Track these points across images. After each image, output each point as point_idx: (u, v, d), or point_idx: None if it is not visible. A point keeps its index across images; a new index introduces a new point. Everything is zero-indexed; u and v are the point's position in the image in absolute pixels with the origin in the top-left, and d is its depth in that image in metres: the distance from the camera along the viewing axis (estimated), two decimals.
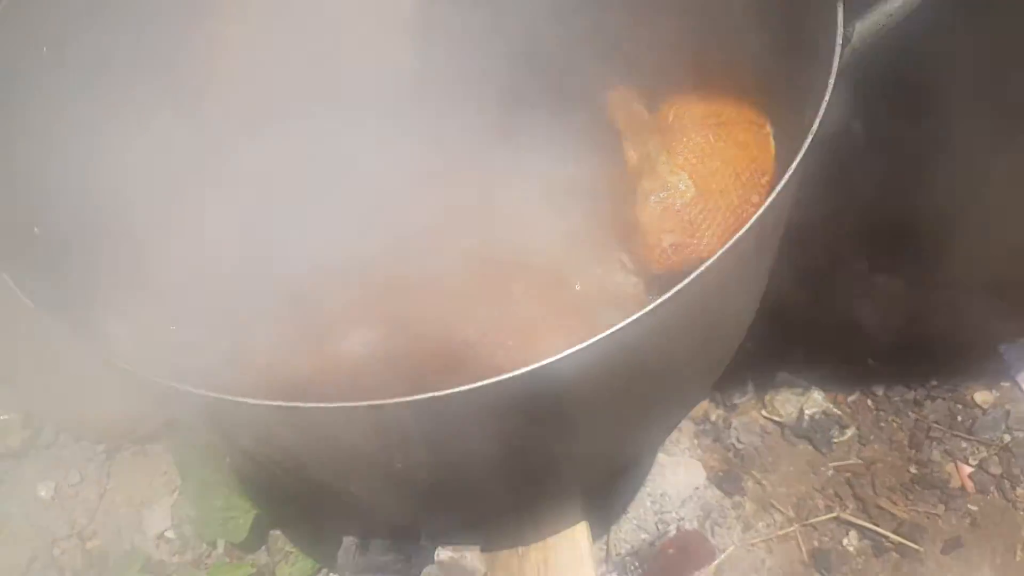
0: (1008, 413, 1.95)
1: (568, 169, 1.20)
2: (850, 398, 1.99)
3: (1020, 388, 1.96)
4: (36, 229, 1.14)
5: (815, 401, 1.96)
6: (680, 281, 1.09)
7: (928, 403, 1.96)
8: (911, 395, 1.97)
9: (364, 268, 1.20)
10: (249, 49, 1.34)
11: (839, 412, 1.96)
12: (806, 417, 1.94)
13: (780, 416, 1.95)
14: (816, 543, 1.84)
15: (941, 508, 1.84)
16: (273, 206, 1.27)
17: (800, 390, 1.96)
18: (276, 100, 1.34)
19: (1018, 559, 1.80)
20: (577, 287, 1.16)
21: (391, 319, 1.14)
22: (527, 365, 0.75)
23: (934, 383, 1.97)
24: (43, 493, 1.81)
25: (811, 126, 0.90)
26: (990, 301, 2.01)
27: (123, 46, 1.31)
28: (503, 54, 1.25)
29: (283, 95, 1.34)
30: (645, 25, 1.19)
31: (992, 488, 1.87)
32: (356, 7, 1.31)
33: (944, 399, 1.96)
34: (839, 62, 0.97)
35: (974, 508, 1.87)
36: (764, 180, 1.15)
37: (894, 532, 1.80)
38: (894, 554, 1.86)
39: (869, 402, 1.99)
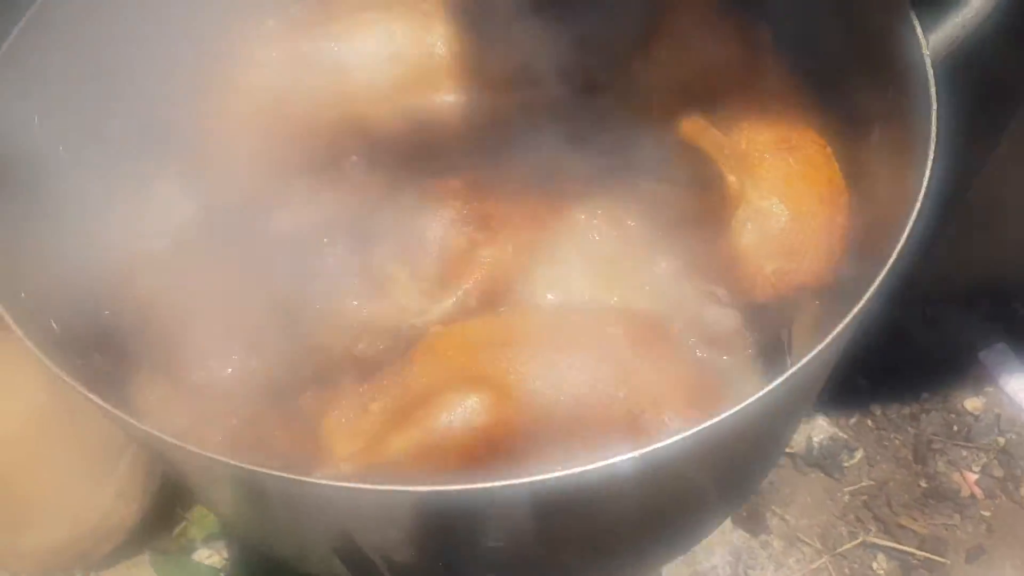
0: (998, 416, 2.02)
1: (650, 205, 1.14)
2: (851, 420, 2.01)
3: (1004, 391, 2.03)
4: (54, 324, 0.98)
5: (821, 427, 1.97)
6: (781, 307, 1.06)
7: (924, 416, 2.00)
8: (907, 410, 2.02)
9: (438, 330, 1.10)
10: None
11: (845, 436, 1.97)
12: (815, 444, 1.93)
13: (791, 447, 1.94)
14: (847, 571, 1.83)
15: (957, 518, 1.87)
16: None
17: (805, 418, 1.96)
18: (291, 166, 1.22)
19: None
20: (677, 327, 1.10)
21: (482, 383, 1.03)
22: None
23: (925, 395, 2.03)
24: None
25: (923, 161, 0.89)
26: (964, 311, 2.10)
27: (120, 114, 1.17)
28: (565, 84, 1.19)
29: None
30: (708, 52, 1.16)
31: (999, 491, 1.92)
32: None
33: (937, 410, 2.01)
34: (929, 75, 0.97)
35: (987, 514, 1.91)
36: (842, 200, 1.13)
37: (918, 548, 1.81)
38: (922, 571, 1.86)
39: (869, 422, 2.01)
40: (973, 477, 1.95)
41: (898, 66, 1.06)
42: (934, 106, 0.96)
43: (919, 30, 1.01)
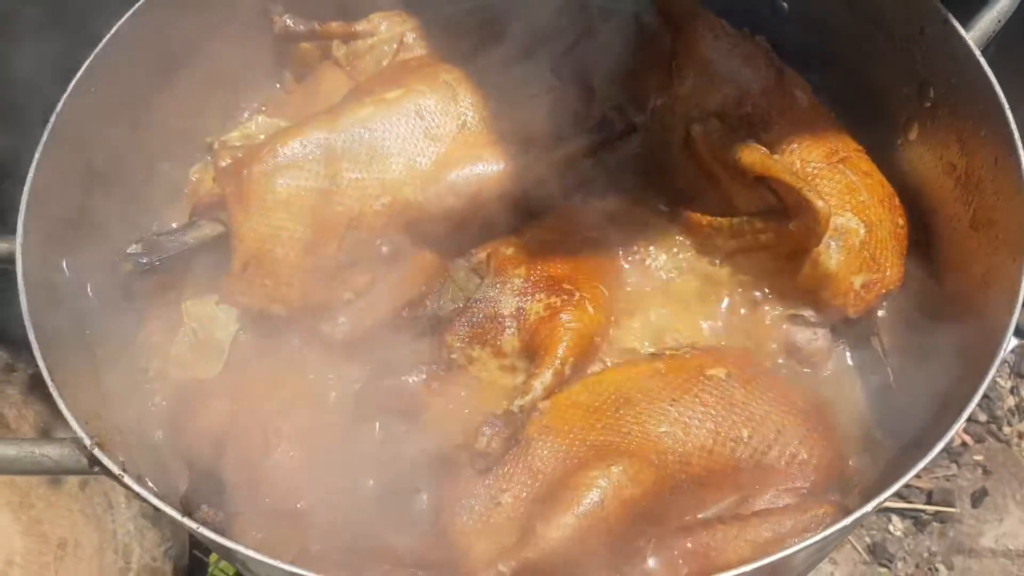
0: None
1: (725, 245, 1.14)
2: None
3: None
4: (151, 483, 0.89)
5: None
6: (870, 322, 1.09)
7: None
8: None
9: (546, 406, 1.05)
10: None
11: None
12: None
13: None
14: (868, 539, 1.90)
15: (955, 468, 1.98)
16: None
17: None
18: None
19: None
20: (773, 355, 1.11)
21: (615, 453, 1.00)
22: None
23: None
24: None
25: None
26: None
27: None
28: (602, 131, 1.19)
29: None
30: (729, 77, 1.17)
31: (986, 435, 2.05)
32: None
33: None
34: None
35: (980, 458, 2.03)
36: (896, 202, 1.17)
37: (927, 503, 1.91)
38: (935, 523, 1.96)
39: None
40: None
41: (941, 66, 1.11)
42: (1000, 92, 1.01)
43: (960, 29, 1.06)
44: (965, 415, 0.91)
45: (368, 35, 1.33)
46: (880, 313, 1.13)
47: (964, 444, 2.09)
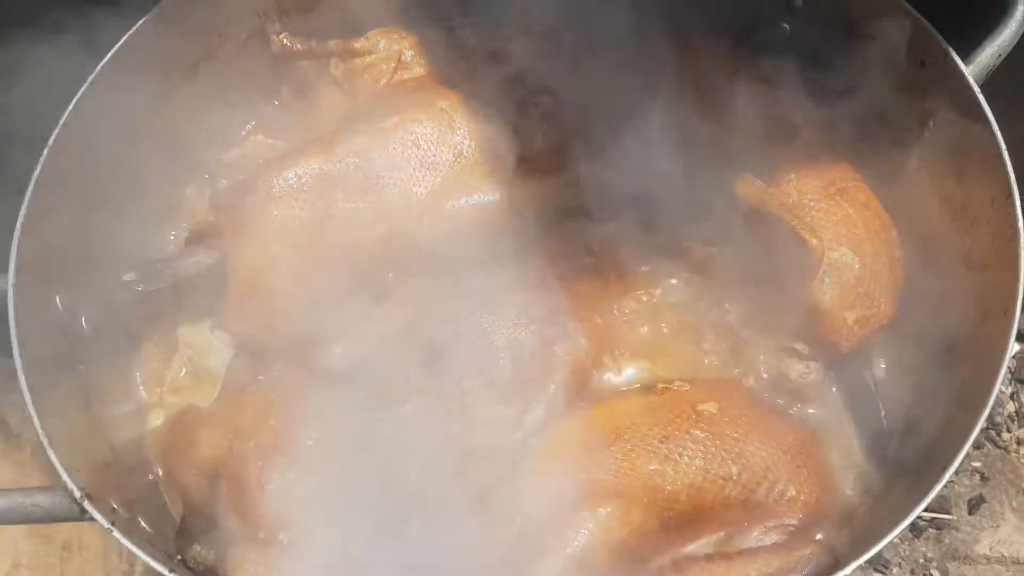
0: None
1: (715, 270, 1.14)
2: None
3: None
4: (143, 523, 0.90)
5: None
6: (862, 351, 1.08)
7: None
8: None
9: (538, 443, 1.06)
10: None
11: None
12: None
13: None
14: None
15: (954, 474, 1.99)
16: None
17: None
18: None
19: None
20: (764, 390, 1.11)
21: (605, 494, 1.01)
22: None
23: None
24: None
25: None
26: None
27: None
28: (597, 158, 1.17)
29: None
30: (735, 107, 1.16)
31: (984, 441, 2.05)
32: None
33: None
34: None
35: (978, 464, 2.03)
36: (893, 234, 1.17)
37: (924, 510, 1.92)
38: (931, 529, 1.96)
39: None
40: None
41: (941, 98, 1.10)
42: (995, 128, 1.00)
43: (959, 63, 1.05)
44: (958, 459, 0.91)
45: (366, 53, 1.32)
46: (874, 345, 1.13)
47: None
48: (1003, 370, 0.90)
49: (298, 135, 1.34)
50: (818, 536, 1.03)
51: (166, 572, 0.78)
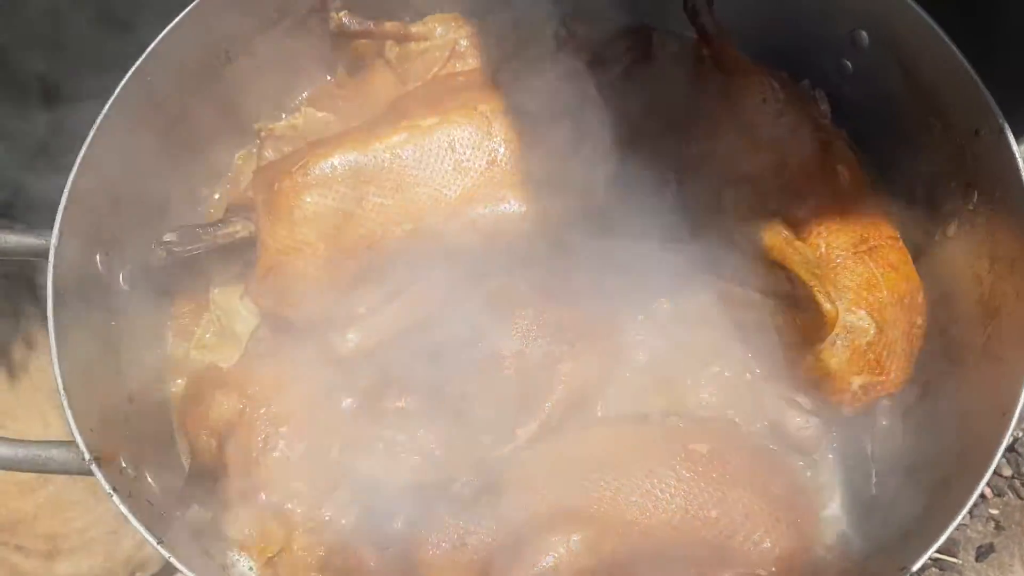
0: None
1: (732, 309, 1.14)
2: None
3: None
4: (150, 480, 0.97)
5: None
6: (865, 415, 1.08)
7: None
8: None
9: (527, 457, 1.10)
10: None
11: None
12: None
13: None
14: None
15: (967, 517, 1.96)
16: None
17: None
18: None
19: None
20: (760, 437, 1.12)
21: (581, 520, 1.04)
22: None
23: None
24: None
25: None
26: None
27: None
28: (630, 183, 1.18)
29: None
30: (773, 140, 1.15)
31: (1007, 490, 2.01)
32: None
33: None
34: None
35: (995, 512, 1.99)
36: (919, 299, 1.14)
37: None
38: (934, 569, 1.95)
39: None
40: None
41: (989, 172, 1.07)
42: None
43: (1012, 141, 1.02)
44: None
45: (422, 38, 1.33)
46: (878, 412, 1.13)
47: (982, 496, 2.05)
48: (988, 474, 0.90)
49: (348, 112, 1.37)
50: None
51: (155, 543, 0.84)
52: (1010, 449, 2.05)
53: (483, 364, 1.15)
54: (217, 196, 1.33)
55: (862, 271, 1.11)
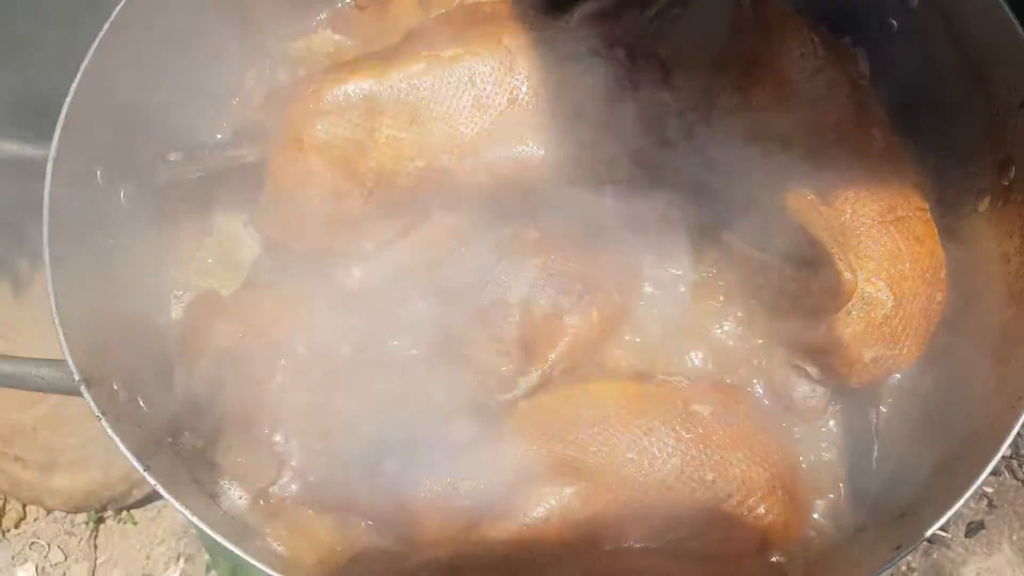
0: None
1: (747, 271, 1.11)
2: None
3: None
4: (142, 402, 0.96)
5: None
6: (871, 394, 1.05)
7: None
8: None
9: (525, 406, 1.08)
10: None
11: None
12: None
13: None
14: None
15: None
16: None
17: None
18: None
19: None
20: (760, 394, 1.10)
21: (575, 473, 1.03)
22: None
23: None
24: None
25: None
26: None
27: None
28: (655, 134, 1.14)
29: None
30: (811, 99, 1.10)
31: (1003, 469, 2.00)
32: None
33: None
34: None
35: (990, 491, 1.99)
36: (942, 274, 1.11)
37: None
38: (924, 542, 1.95)
39: None
40: None
41: None
42: None
43: None
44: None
45: None
46: (887, 387, 1.10)
47: None
48: (996, 459, 0.88)
49: (367, 36, 1.32)
50: (773, 559, 1.04)
51: (141, 469, 0.83)
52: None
53: (489, 310, 1.13)
54: (226, 117, 1.29)
55: (886, 241, 1.08)
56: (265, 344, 1.13)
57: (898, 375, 1.10)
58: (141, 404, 0.99)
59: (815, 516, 1.08)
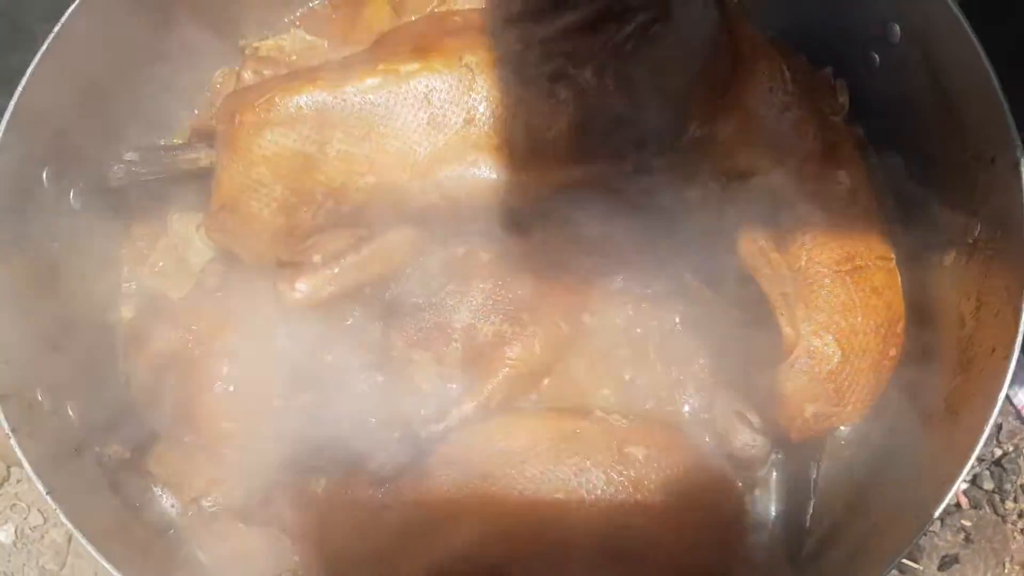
0: (1000, 428, 2.00)
1: (697, 310, 1.08)
2: None
3: (1011, 403, 2.01)
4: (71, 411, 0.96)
5: None
6: (813, 448, 1.03)
7: None
8: None
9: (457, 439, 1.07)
10: None
11: None
12: None
13: None
14: None
15: (937, 524, 1.91)
16: None
17: None
18: None
19: (1006, 572, 1.89)
20: (707, 440, 1.07)
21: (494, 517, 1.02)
22: None
23: None
24: (2, 538, 1.58)
25: None
26: None
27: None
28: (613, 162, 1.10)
29: None
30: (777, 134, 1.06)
31: (984, 503, 1.95)
32: None
33: None
34: None
35: (968, 523, 1.94)
36: (899, 328, 1.07)
37: None
38: (895, 572, 1.92)
39: None
40: (963, 486, 1.97)
41: (995, 208, 0.98)
42: None
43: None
44: None
45: None
46: (832, 440, 1.07)
47: (958, 505, 2.01)
48: (919, 535, 0.85)
49: (339, 38, 1.30)
50: None
51: (44, 491, 0.83)
52: (996, 463, 1.99)
53: (432, 334, 1.11)
54: (194, 115, 1.28)
55: (839, 292, 1.04)
56: (208, 351, 1.13)
57: (844, 431, 1.06)
58: (70, 412, 0.99)
59: (745, 567, 1.06)
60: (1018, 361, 2.02)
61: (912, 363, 1.05)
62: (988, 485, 1.95)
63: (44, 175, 1.05)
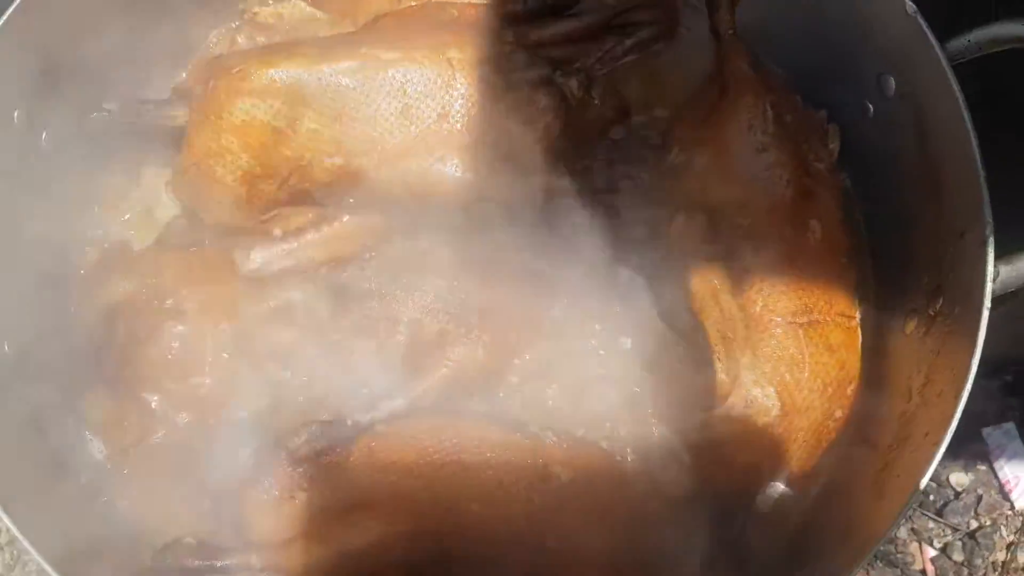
0: (980, 499, 1.94)
1: (647, 337, 1.06)
2: None
3: (995, 475, 1.95)
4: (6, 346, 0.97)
5: None
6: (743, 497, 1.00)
7: None
8: None
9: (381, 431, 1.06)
10: None
11: None
12: None
13: None
14: None
15: None
16: None
17: None
18: None
19: None
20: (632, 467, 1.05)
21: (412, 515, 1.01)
22: None
23: None
24: None
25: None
26: (979, 382, 1.98)
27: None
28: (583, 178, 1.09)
29: None
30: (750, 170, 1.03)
31: (951, 574, 1.90)
32: None
33: None
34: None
35: None
36: (849, 390, 1.03)
37: None
38: None
39: None
40: (931, 553, 1.91)
41: (958, 283, 0.94)
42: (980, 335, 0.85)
43: (990, 269, 0.88)
44: None
45: None
46: (765, 494, 1.04)
47: (923, 572, 1.96)
48: None
49: (340, 13, 1.29)
50: None
51: None
52: (970, 535, 1.93)
53: (378, 323, 1.10)
54: (183, 74, 1.28)
55: (789, 345, 1.01)
56: (159, 306, 1.13)
57: (779, 487, 1.03)
58: (6, 348, 1.00)
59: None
60: (1007, 431, 1.97)
61: (856, 427, 1.02)
62: (958, 557, 1.90)
63: (15, 115, 1.06)
